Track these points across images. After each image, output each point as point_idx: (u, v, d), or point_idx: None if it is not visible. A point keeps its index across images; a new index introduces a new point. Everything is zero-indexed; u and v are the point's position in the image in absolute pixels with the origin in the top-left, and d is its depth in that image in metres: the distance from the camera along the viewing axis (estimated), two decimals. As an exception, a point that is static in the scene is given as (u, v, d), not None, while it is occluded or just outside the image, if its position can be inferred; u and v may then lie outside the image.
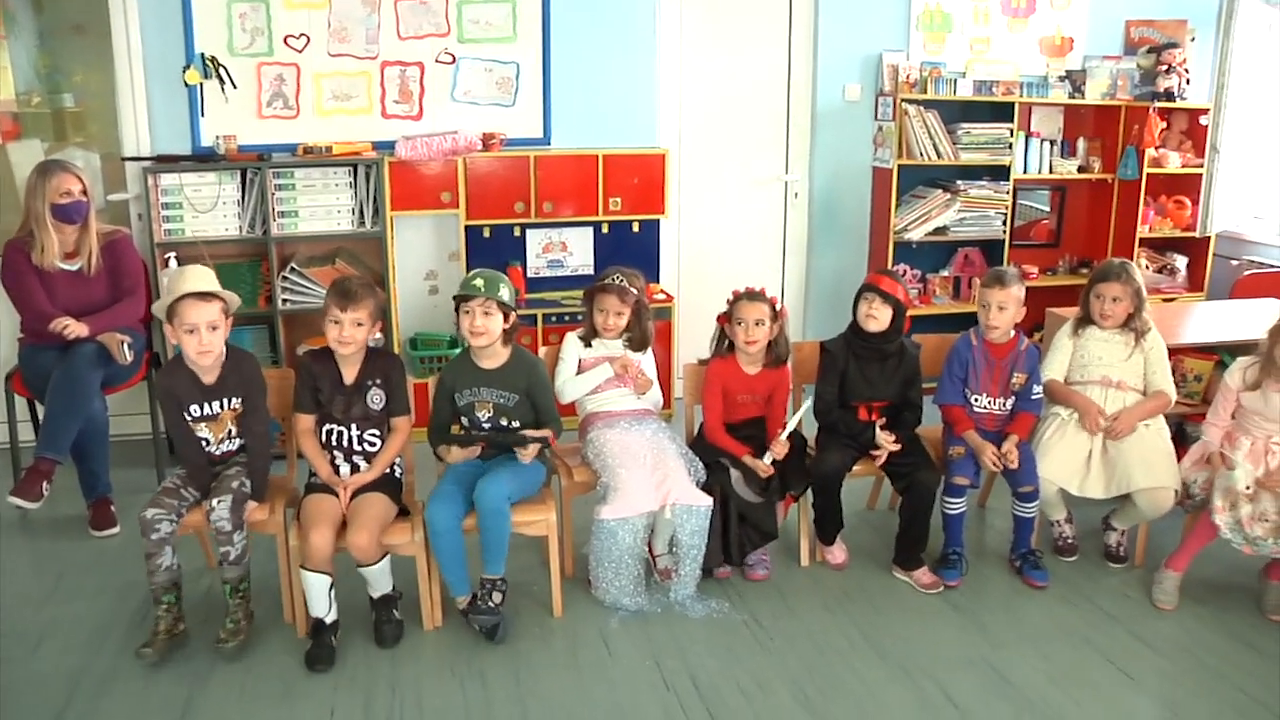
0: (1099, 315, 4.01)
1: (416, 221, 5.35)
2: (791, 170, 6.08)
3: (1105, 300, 3.99)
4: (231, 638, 3.32)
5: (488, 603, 3.41)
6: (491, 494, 3.38)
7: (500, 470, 3.47)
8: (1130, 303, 3.97)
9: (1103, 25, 6.33)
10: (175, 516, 3.28)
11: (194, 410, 3.41)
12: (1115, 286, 3.97)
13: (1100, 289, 4.00)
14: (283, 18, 5.06)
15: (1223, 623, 3.64)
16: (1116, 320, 4.00)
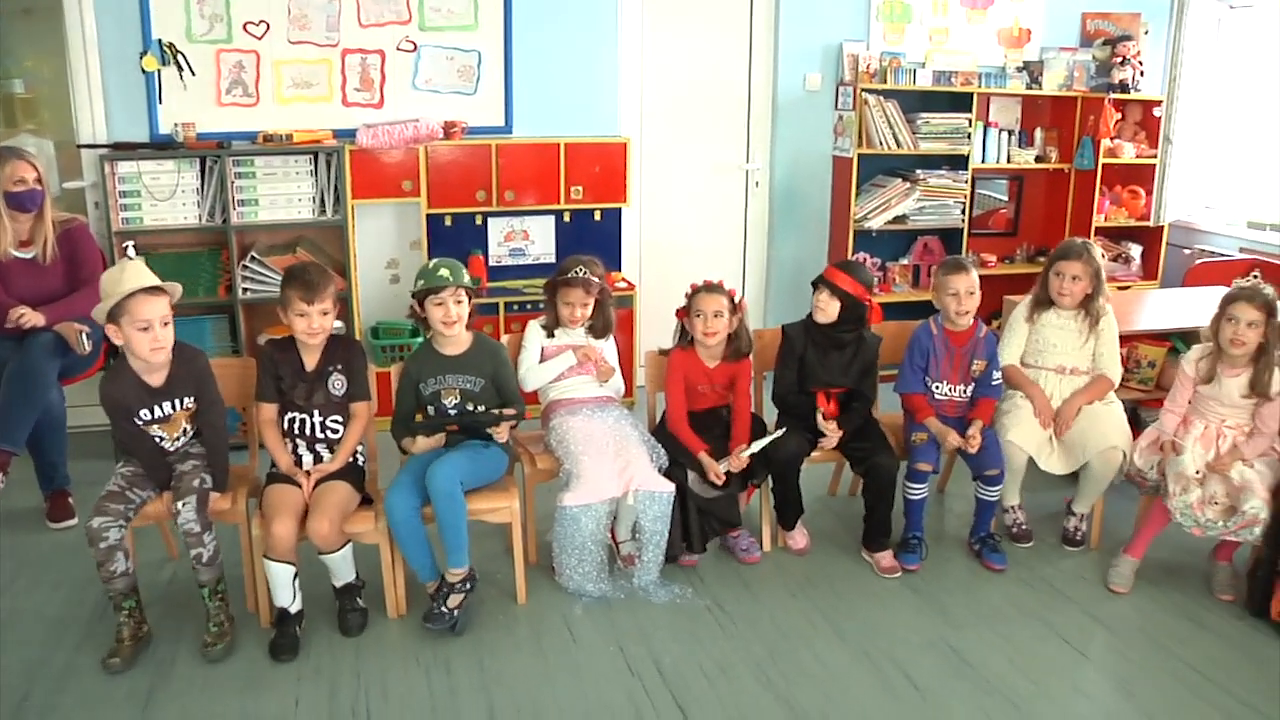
0: (1057, 293, 4.04)
1: (377, 210, 5.33)
2: (752, 159, 6.11)
3: (1065, 278, 4.02)
4: (218, 640, 3.28)
5: (442, 605, 3.39)
6: (442, 476, 3.35)
7: (453, 454, 3.46)
8: (1089, 283, 4.01)
9: (1060, 17, 6.42)
10: (123, 521, 3.19)
11: (144, 415, 3.32)
12: (1075, 265, 4.01)
13: (1060, 266, 4.04)
14: (242, 4, 5.01)
15: (1174, 602, 3.72)
16: (1074, 299, 4.03)
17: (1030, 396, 4.02)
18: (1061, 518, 4.21)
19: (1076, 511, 4.09)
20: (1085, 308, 4.05)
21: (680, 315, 3.96)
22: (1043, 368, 4.09)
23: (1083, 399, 4.00)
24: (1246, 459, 3.68)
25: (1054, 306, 4.09)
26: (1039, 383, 4.08)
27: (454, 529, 3.38)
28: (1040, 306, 4.12)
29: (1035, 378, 4.09)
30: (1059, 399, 4.04)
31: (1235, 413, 3.78)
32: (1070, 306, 4.06)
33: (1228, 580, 3.77)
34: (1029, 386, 4.05)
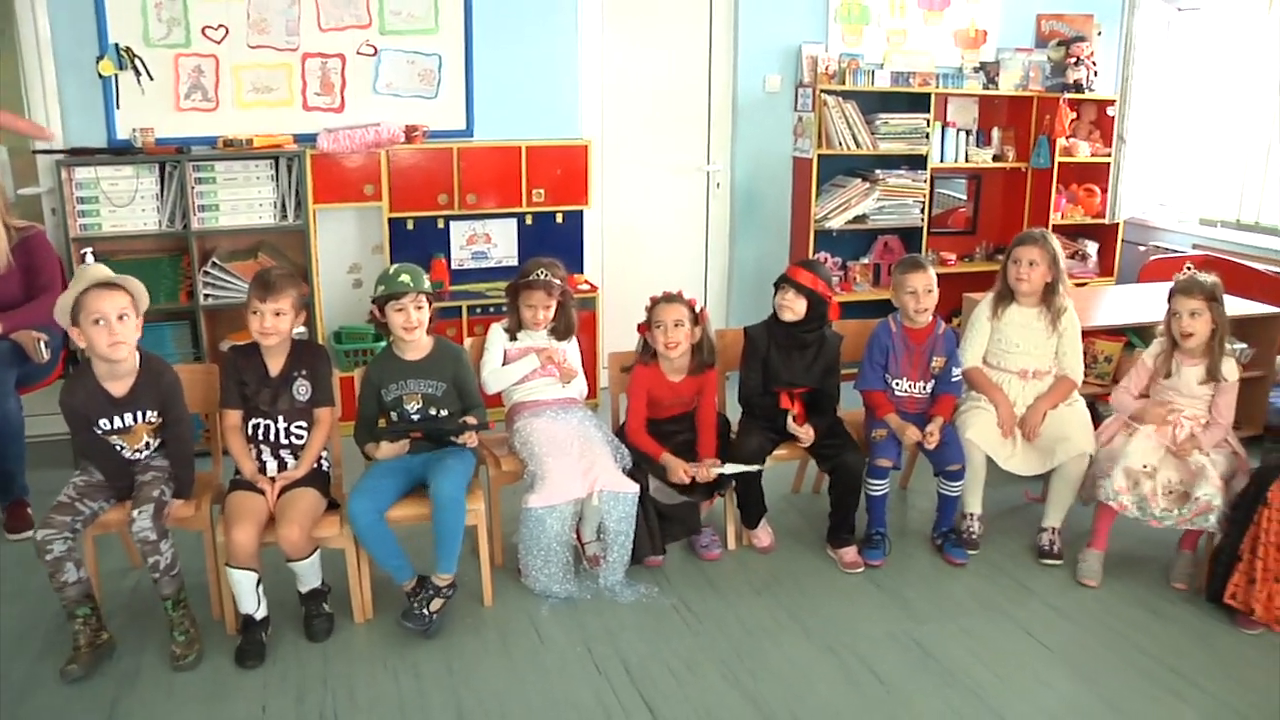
0: (1015, 279, 4.06)
1: (339, 214, 5.31)
2: (713, 160, 6.15)
3: (1022, 264, 4.04)
4: (188, 651, 3.25)
5: (424, 608, 3.40)
6: (449, 485, 3.38)
7: (450, 461, 3.48)
8: (1048, 269, 4.04)
9: (1015, 18, 6.51)
10: (69, 534, 3.14)
11: (104, 424, 3.29)
12: (1033, 250, 4.05)
13: (1017, 253, 4.08)
14: (200, 8, 4.98)
15: (1132, 592, 3.79)
16: (1034, 286, 4.05)
17: (995, 404, 4.05)
18: (1021, 511, 4.27)
19: (1048, 525, 4.05)
20: (1046, 302, 4.09)
21: (641, 330, 3.96)
22: (1006, 370, 4.12)
23: (1047, 404, 4.04)
24: (1204, 449, 3.76)
25: (1016, 302, 4.11)
26: (1003, 387, 4.11)
27: (453, 536, 3.40)
28: (1002, 301, 4.14)
29: (999, 381, 4.12)
30: (1023, 405, 4.07)
31: (1193, 403, 3.87)
32: (1030, 295, 4.07)
33: (1186, 568, 3.84)
34: (993, 392, 4.08)
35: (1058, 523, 4.04)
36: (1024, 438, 4.01)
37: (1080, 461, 3.94)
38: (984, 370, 4.15)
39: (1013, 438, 4.01)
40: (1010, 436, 4.01)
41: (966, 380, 4.14)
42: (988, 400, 4.07)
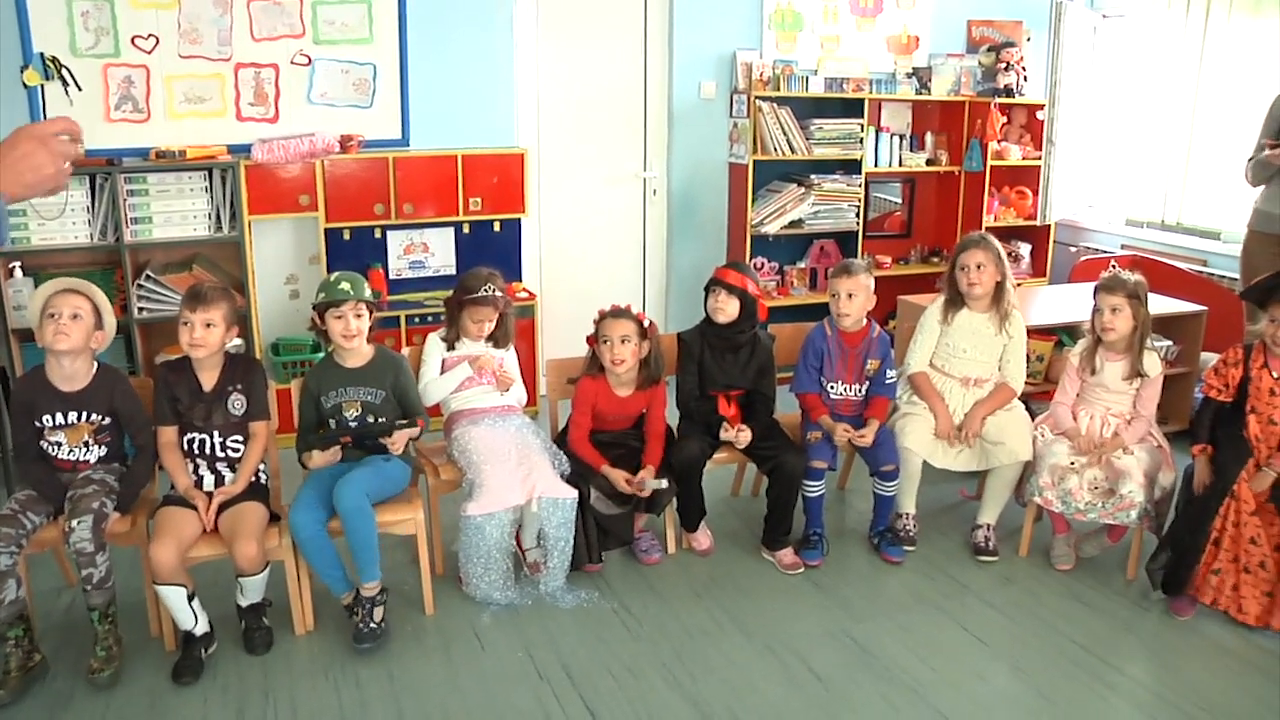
0: (968, 285, 4.11)
1: (275, 225, 5.27)
2: (650, 167, 6.18)
3: (970, 270, 4.09)
4: (106, 666, 3.21)
5: (370, 623, 3.40)
6: (349, 493, 3.36)
7: (355, 471, 3.46)
8: (995, 269, 4.10)
9: (946, 25, 6.62)
10: (15, 547, 3.10)
11: (48, 419, 3.30)
12: (978, 253, 4.10)
13: (963, 259, 4.13)
14: (129, 17, 4.91)
15: (1062, 583, 3.89)
16: (986, 289, 4.10)
17: (935, 413, 4.10)
18: (957, 508, 4.34)
19: (982, 522, 4.13)
20: (996, 304, 4.13)
21: (590, 342, 3.97)
22: (950, 376, 4.18)
23: (985, 410, 4.09)
24: (1127, 445, 3.86)
25: (967, 306, 4.16)
26: (945, 394, 4.16)
27: (366, 545, 3.38)
28: (953, 307, 4.18)
29: (942, 386, 4.17)
30: (961, 413, 4.13)
31: (1119, 399, 3.97)
32: (983, 298, 4.12)
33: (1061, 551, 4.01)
34: (935, 401, 4.12)
35: (992, 519, 4.12)
36: (964, 443, 4.08)
37: (1016, 467, 4.03)
38: (929, 379, 4.21)
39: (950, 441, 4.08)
40: (944, 439, 4.08)
41: (912, 385, 4.19)
42: (925, 407, 4.14)
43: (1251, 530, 3.45)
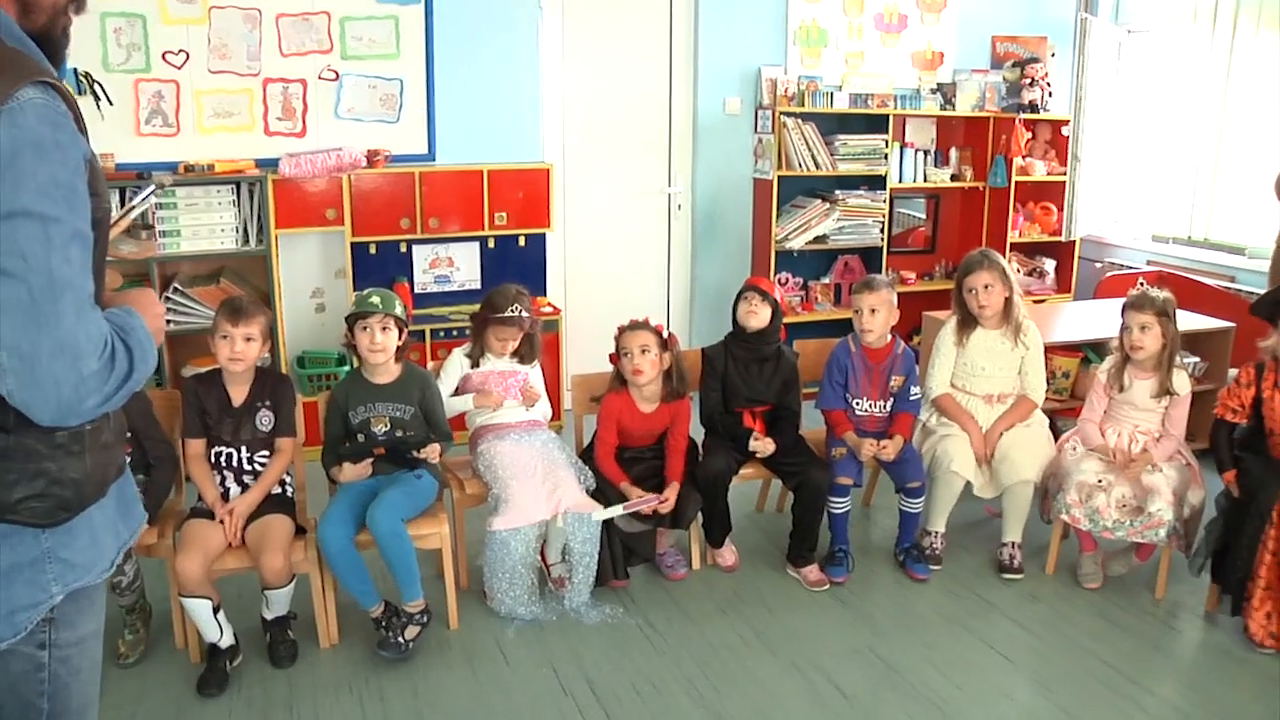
0: (978, 308, 4.11)
1: (302, 239, 5.31)
2: (674, 182, 6.19)
3: (978, 292, 4.09)
4: (132, 651, 3.27)
5: (399, 635, 3.41)
6: (383, 517, 3.38)
7: (390, 490, 3.47)
8: (1002, 286, 4.09)
9: (970, 40, 6.61)
10: None
11: None
12: (983, 274, 4.10)
13: (969, 281, 4.13)
14: (161, 33, 4.97)
15: (1089, 602, 3.86)
16: (995, 309, 4.10)
17: (967, 431, 4.09)
18: (982, 526, 4.33)
19: (1007, 540, 4.09)
20: (1008, 318, 4.13)
21: (613, 359, 3.98)
22: (973, 394, 4.17)
23: (1005, 424, 4.09)
24: (1156, 463, 3.83)
25: (980, 326, 4.16)
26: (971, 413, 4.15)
27: (404, 565, 3.41)
28: (966, 328, 4.18)
29: (966, 406, 4.16)
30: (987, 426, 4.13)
31: (1147, 416, 3.95)
32: (993, 317, 4.12)
33: (1090, 569, 3.97)
34: (964, 419, 4.12)
35: (1016, 537, 4.09)
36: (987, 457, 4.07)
37: (1025, 487, 4.01)
38: (953, 398, 4.19)
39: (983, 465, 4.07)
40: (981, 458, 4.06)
41: (937, 407, 4.18)
42: (959, 427, 4.12)
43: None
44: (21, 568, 1.57)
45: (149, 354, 1.57)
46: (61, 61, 1.66)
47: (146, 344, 1.57)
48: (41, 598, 1.59)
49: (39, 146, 1.42)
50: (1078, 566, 4.00)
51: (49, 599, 1.60)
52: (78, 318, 1.43)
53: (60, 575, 1.61)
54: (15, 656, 1.62)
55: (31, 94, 1.43)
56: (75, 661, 1.70)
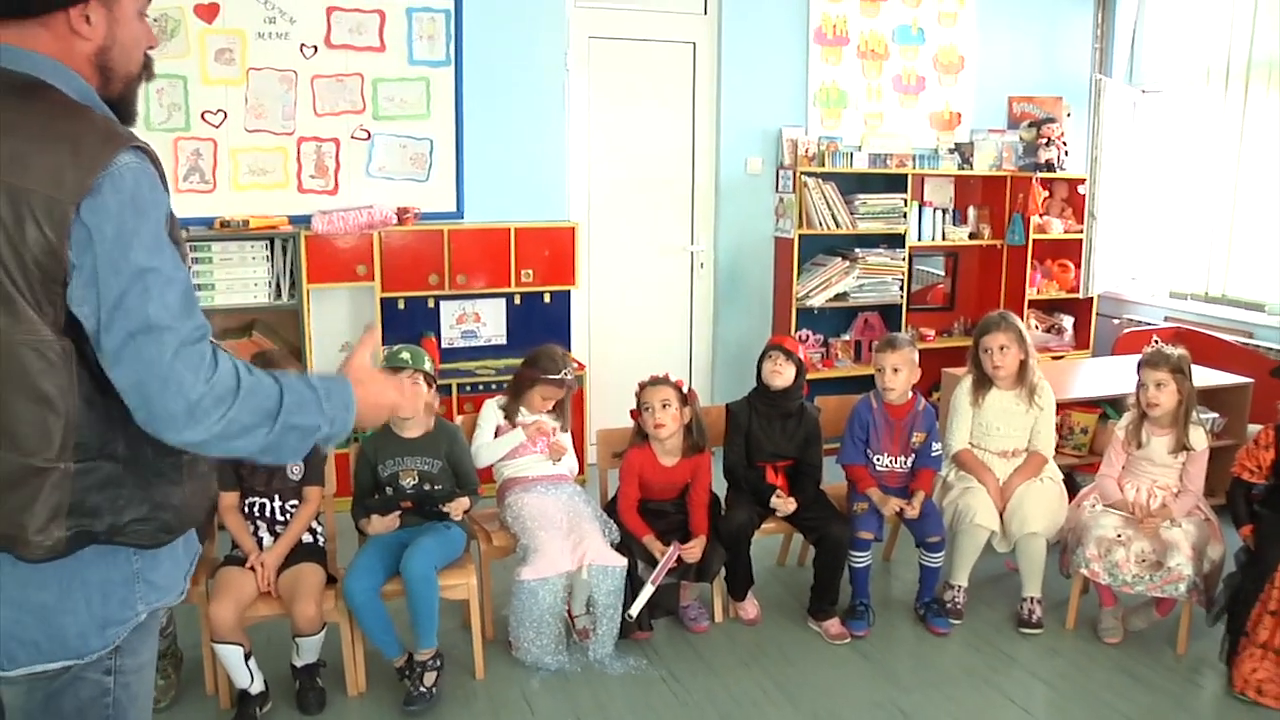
0: (992, 369, 4.18)
1: (332, 294, 5.41)
2: (697, 241, 6.30)
3: (994, 352, 4.17)
4: (163, 696, 3.32)
5: (419, 686, 3.47)
6: (419, 563, 3.45)
7: (424, 540, 3.54)
8: (1018, 349, 4.16)
9: (987, 101, 6.73)
10: None
11: None
12: (999, 336, 4.17)
13: (986, 342, 4.20)
14: (200, 93, 5.12)
15: (1110, 656, 3.87)
16: (1010, 370, 4.17)
17: (986, 485, 4.13)
18: (1002, 580, 4.35)
19: (1026, 595, 4.11)
20: (1022, 380, 4.20)
21: (634, 415, 4.05)
22: (989, 451, 4.22)
23: (1019, 480, 4.14)
24: (1175, 518, 3.86)
25: (995, 386, 4.22)
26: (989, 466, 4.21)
27: (428, 613, 3.47)
28: (981, 388, 4.24)
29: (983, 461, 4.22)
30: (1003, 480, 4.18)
31: (1165, 471, 3.99)
32: (1008, 378, 4.19)
33: (1110, 624, 3.98)
34: (983, 474, 4.16)
35: (1036, 592, 4.11)
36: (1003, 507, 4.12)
37: (1035, 540, 4.04)
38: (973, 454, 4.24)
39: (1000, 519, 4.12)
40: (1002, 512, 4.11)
41: (957, 463, 4.23)
42: (977, 481, 4.17)
43: None
44: (116, 585, 1.70)
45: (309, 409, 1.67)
46: (131, 123, 1.79)
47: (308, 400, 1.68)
48: (129, 615, 1.72)
49: (137, 205, 1.57)
50: (1098, 621, 4.02)
51: (135, 616, 1.73)
52: (175, 355, 1.56)
53: (145, 595, 1.73)
54: (84, 683, 1.72)
55: (128, 158, 1.57)
56: (135, 688, 1.80)
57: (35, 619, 1.65)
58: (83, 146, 1.55)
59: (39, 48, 1.65)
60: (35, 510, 1.59)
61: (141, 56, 1.77)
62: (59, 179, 1.53)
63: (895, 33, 6.46)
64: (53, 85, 1.64)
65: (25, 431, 1.58)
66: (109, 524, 1.64)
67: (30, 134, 1.56)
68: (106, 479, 1.63)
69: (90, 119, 1.61)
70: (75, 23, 1.65)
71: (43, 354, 1.56)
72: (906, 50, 6.50)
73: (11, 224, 1.53)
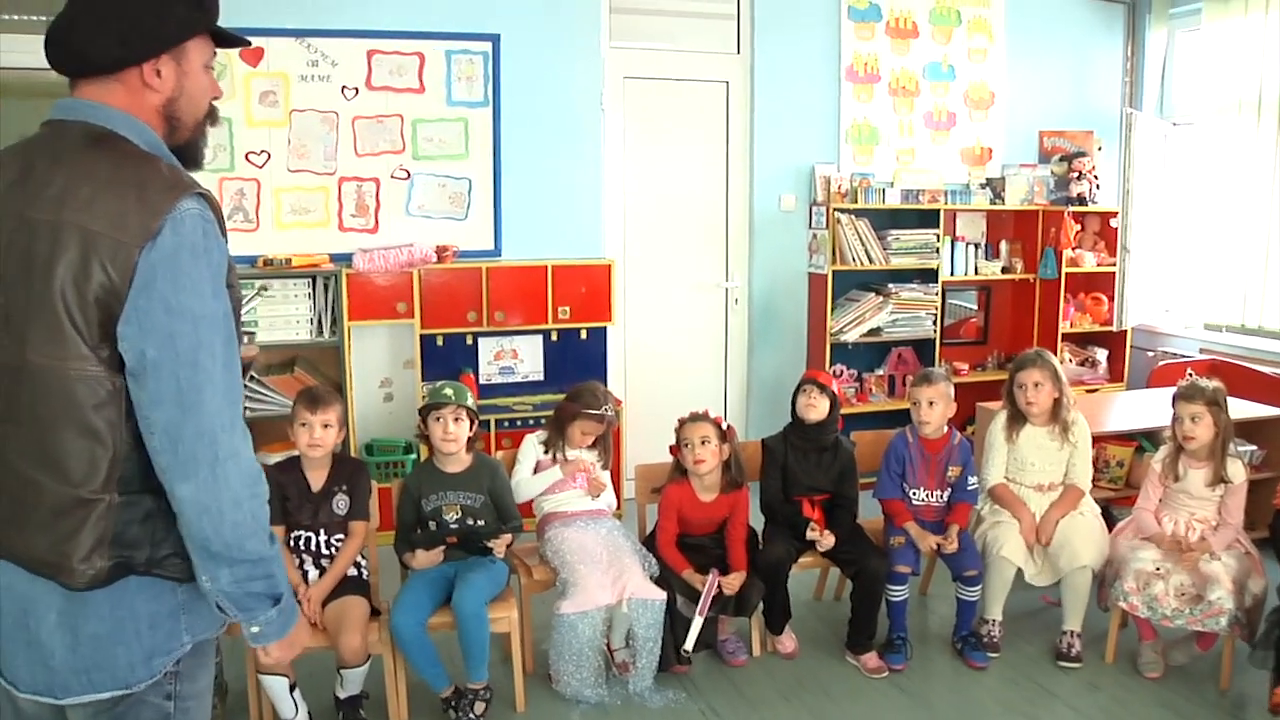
0: (1026, 404, 4.21)
1: (371, 330, 5.49)
2: (732, 277, 6.35)
3: (1028, 389, 4.19)
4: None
5: (469, 715, 3.52)
6: (470, 599, 3.51)
7: (473, 575, 3.60)
8: (1052, 386, 4.19)
9: (1018, 136, 6.77)
10: None
11: None
12: (1034, 372, 4.20)
13: (1020, 378, 4.23)
14: (245, 135, 5.25)
15: (1151, 691, 3.85)
16: (1043, 407, 4.19)
17: (1019, 519, 4.15)
18: (1039, 614, 4.35)
19: (1067, 628, 4.10)
20: (1055, 417, 4.22)
21: (673, 451, 4.10)
22: (1025, 485, 4.24)
23: (1058, 513, 4.14)
24: (1215, 551, 3.85)
25: (1029, 422, 4.24)
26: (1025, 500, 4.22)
27: (479, 646, 3.54)
28: (1015, 423, 4.27)
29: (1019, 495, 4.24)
30: (1040, 514, 4.19)
31: (1203, 504, 3.98)
32: (1041, 416, 4.21)
33: (1150, 658, 3.96)
34: (1018, 508, 4.17)
35: (1076, 626, 4.10)
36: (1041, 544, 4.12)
37: (1083, 573, 4.04)
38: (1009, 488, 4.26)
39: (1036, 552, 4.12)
40: (1033, 544, 4.11)
41: (993, 497, 4.25)
42: (1011, 515, 4.18)
43: None
44: (163, 617, 1.76)
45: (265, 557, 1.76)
46: (203, 161, 1.93)
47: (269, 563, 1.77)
48: (174, 646, 1.78)
49: (194, 250, 1.66)
50: (1138, 655, 4.01)
51: (180, 647, 1.79)
52: (215, 406, 1.66)
53: (191, 626, 1.80)
54: (145, 706, 1.78)
55: (189, 205, 1.67)
56: (193, 714, 1.86)
57: (89, 649, 1.72)
58: (148, 192, 1.65)
59: (113, 101, 1.76)
60: (80, 539, 1.67)
61: (207, 105, 1.87)
62: (124, 223, 1.63)
63: (926, 70, 6.53)
64: (125, 136, 1.75)
65: (74, 463, 1.66)
66: (147, 556, 1.72)
67: (101, 180, 1.66)
68: (147, 513, 1.71)
69: (156, 167, 1.71)
70: (147, 76, 1.76)
71: (94, 389, 1.65)
72: (937, 87, 6.56)
73: (78, 263, 1.62)
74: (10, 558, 1.72)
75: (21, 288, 1.65)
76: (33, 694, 1.75)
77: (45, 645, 1.72)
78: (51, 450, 1.66)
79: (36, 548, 1.69)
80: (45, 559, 1.69)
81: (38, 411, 1.66)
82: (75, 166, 1.69)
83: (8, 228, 1.69)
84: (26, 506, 1.69)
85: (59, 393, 1.64)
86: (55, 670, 1.73)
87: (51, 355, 1.64)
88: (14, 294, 1.66)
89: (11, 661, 1.77)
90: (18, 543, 1.71)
